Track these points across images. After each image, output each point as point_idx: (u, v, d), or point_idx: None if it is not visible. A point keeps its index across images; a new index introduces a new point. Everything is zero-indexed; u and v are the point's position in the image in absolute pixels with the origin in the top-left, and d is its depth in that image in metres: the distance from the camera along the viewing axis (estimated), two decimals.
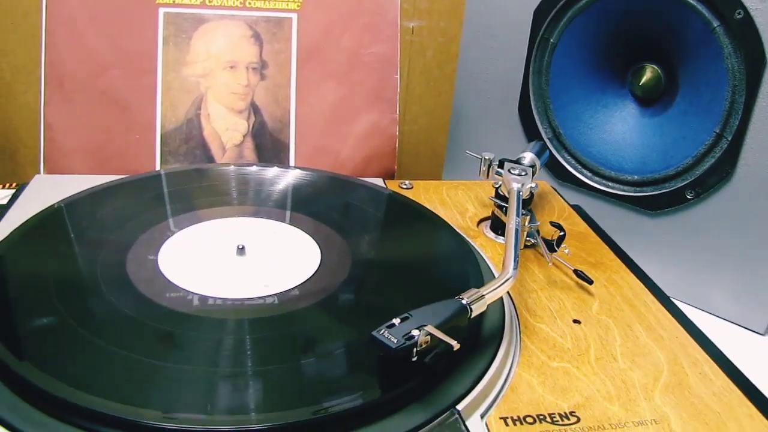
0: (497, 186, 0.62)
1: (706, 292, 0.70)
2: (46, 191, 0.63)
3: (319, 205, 0.61)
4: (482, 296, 0.42)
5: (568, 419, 0.41)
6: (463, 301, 0.41)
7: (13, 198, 0.63)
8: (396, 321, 0.39)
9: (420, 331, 0.38)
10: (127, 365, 0.40)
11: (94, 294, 0.47)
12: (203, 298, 0.47)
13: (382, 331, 0.38)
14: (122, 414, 0.35)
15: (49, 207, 0.57)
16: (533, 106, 0.80)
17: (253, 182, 0.65)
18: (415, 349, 0.38)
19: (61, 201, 0.58)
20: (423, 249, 0.57)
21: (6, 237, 0.52)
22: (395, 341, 0.37)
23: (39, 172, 0.68)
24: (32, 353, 0.40)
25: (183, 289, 0.48)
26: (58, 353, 0.41)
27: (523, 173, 0.59)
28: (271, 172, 0.66)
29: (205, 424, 0.35)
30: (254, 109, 0.71)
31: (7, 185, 0.81)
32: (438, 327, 0.39)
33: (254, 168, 0.67)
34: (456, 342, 0.37)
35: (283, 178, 0.66)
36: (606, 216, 0.74)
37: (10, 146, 0.99)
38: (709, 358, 0.48)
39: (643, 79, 0.74)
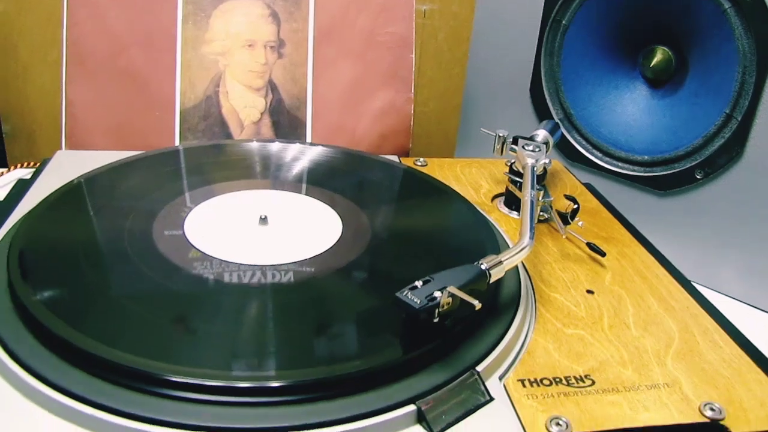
0: (511, 163, 0.63)
1: (715, 271, 0.71)
2: (68, 166, 0.64)
3: (338, 179, 0.63)
4: (500, 262, 0.43)
5: (584, 382, 0.42)
6: (483, 267, 0.43)
7: (36, 173, 0.65)
8: (418, 283, 0.40)
9: (442, 292, 0.39)
10: (150, 325, 0.42)
11: (122, 259, 0.48)
12: (227, 264, 0.48)
13: (405, 293, 0.39)
14: (149, 368, 0.37)
15: (78, 177, 0.58)
16: (545, 88, 0.81)
17: (274, 157, 0.66)
18: (437, 310, 0.39)
19: (89, 172, 0.59)
20: (441, 221, 0.59)
21: (34, 207, 0.54)
22: (418, 302, 0.39)
23: (61, 149, 0.69)
24: (65, 313, 0.41)
25: (207, 254, 0.49)
26: (92, 313, 0.42)
27: (537, 149, 0.60)
28: (292, 148, 0.68)
29: (241, 381, 0.37)
30: (272, 87, 0.72)
31: (26, 164, 0.83)
32: (459, 289, 0.40)
33: (276, 144, 0.68)
34: (477, 302, 0.38)
35: (304, 154, 0.67)
36: (616, 196, 0.75)
37: (27, 127, 1.00)
38: (719, 327, 0.49)
39: (654, 61, 0.75)
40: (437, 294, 0.39)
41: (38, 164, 0.68)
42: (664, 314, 0.50)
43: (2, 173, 0.81)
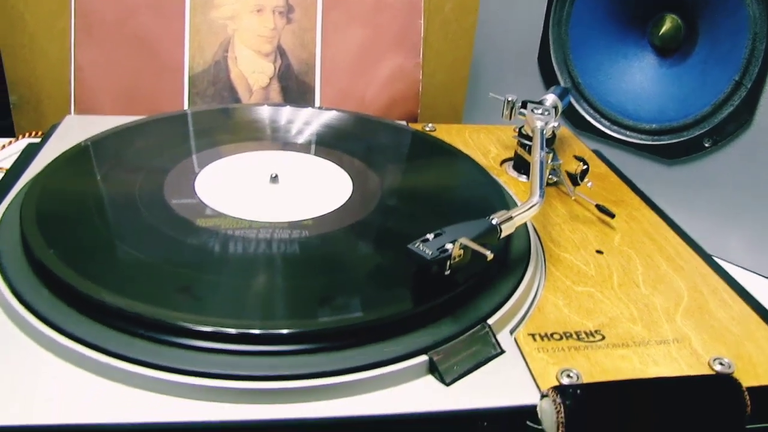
0: (520, 127, 0.63)
1: (722, 240, 0.71)
2: (76, 131, 0.64)
3: (348, 142, 0.63)
4: (511, 217, 0.44)
5: (594, 336, 0.43)
6: (493, 221, 0.43)
7: (45, 137, 0.65)
8: (430, 236, 0.40)
9: (453, 244, 0.39)
10: (161, 275, 0.42)
11: (133, 214, 0.48)
12: (239, 220, 0.48)
13: (416, 245, 0.40)
14: (159, 317, 0.37)
15: (89, 138, 0.58)
16: (553, 57, 0.80)
17: (285, 120, 0.66)
18: (448, 262, 0.40)
19: (101, 133, 0.60)
20: (450, 182, 0.59)
21: (47, 165, 0.54)
22: (430, 253, 0.39)
23: (70, 114, 0.70)
24: (78, 264, 0.41)
25: (217, 210, 0.49)
26: (104, 265, 0.43)
27: (546, 113, 0.60)
28: (303, 111, 0.68)
29: (258, 329, 0.37)
30: (280, 52, 0.72)
31: (33, 134, 0.83)
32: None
33: (287, 108, 0.68)
34: (489, 252, 0.39)
35: (315, 118, 0.67)
36: (624, 164, 0.75)
37: (34, 97, 1.00)
38: (728, 287, 0.49)
39: (663, 29, 0.75)
40: (449, 246, 0.39)
41: (42, 134, 0.68)
42: (674, 274, 0.50)
43: (10, 142, 0.81)
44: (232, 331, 0.36)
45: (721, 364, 0.41)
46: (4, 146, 0.79)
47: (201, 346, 0.36)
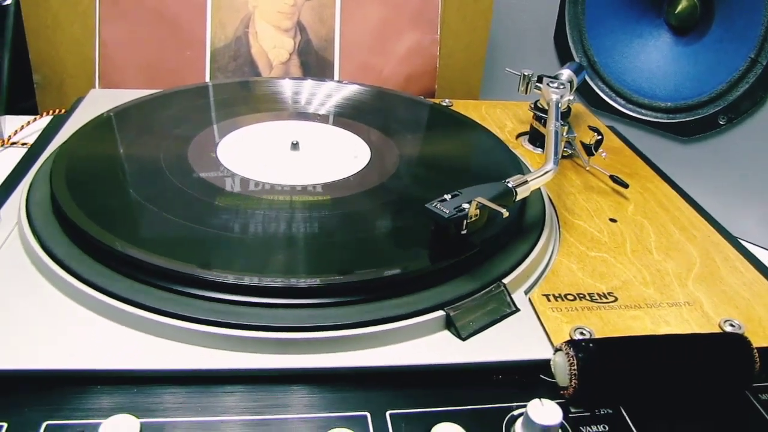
0: (536, 101, 0.64)
1: (737, 217, 0.71)
2: (101, 103, 0.66)
3: (367, 113, 0.64)
4: (526, 181, 0.45)
5: (607, 298, 0.44)
6: (509, 184, 0.44)
7: (71, 110, 0.66)
8: (447, 196, 0.41)
9: (470, 204, 0.41)
10: (191, 234, 0.44)
11: (159, 176, 0.50)
12: (259, 183, 0.50)
13: (434, 204, 0.41)
14: (187, 270, 0.39)
15: (115, 107, 0.60)
16: (569, 36, 0.81)
17: (306, 93, 0.67)
18: (465, 221, 0.41)
19: (128, 102, 0.61)
20: (467, 152, 0.60)
21: (74, 133, 0.55)
22: (447, 212, 0.40)
23: (94, 87, 0.71)
24: (107, 223, 0.43)
25: (239, 174, 0.51)
26: (133, 223, 0.44)
27: (562, 86, 0.61)
28: (324, 84, 0.69)
29: (285, 283, 0.38)
30: (300, 27, 0.73)
31: (56, 111, 0.84)
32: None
33: (309, 81, 0.69)
34: (505, 210, 0.40)
35: (335, 90, 0.68)
36: (639, 142, 0.75)
37: (57, 77, 1.02)
38: (739, 255, 0.50)
39: (679, 8, 0.75)
40: (465, 205, 0.40)
41: (60, 111, 0.69)
42: (686, 242, 0.51)
43: (34, 119, 0.82)
44: (262, 284, 0.38)
45: (731, 325, 0.42)
46: (29, 123, 0.81)
47: (233, 299, 0.38)
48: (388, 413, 0.35)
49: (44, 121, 0.81)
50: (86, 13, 0.95)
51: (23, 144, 0.76)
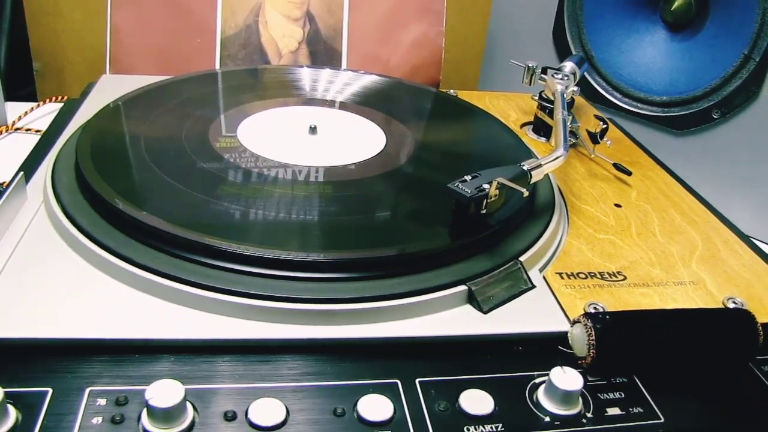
0: (540, 92, 0.66)
1: (730, 208, 0.73)
2: (112, 89, 0.66)
3: (382, 101, 0.66)
4: (540, 165, 0.47)
5: (616, 277, 0.46)
6: (524, 167, 0.46)
7: (84, 94, 0.67)
8: (467, 177, 0.43)
9: (490, 184, 0.42)
10: (214, 208, 0.45)
11: (181, 155, 0.51)
12: (280, 164, 0.52)
13: (456, 184, 0.43)
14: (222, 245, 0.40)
15: (136, 90, 0.61)
16: (567, 31, 0.83)
17: (323, 81, 0.69)
18: (485, 201, 0.43)
19: (148, 85, 0.62)
20: (478, 136, 0.62)
21: (96, 113, 0.56)
22: (468, 192, 0.42)
23: (105, 73, 0.72)
24: (134, 198, 0.44)
25: (259, 155, 0.53)
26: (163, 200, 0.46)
27: (566, 78, 0.63)
28: (341, 73, 0.71)
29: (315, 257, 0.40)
30: (309, 17, 0.75)
31: (56, 99, 0.85)
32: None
33: (326, 69, 0.71)
34: (525, 189, 0.42)
35: (350, 79, 0.70)
36: (635, 135, 0.78)
37: (57, 64, 1.02)
38: (738, 239, 0.53)
39: (675, 5, 0.78)
40: (486, 186, 0.42)
41: (67, 98, 0.70)
42: (688, 226, 0.53)
43: (37, 105, 0.83)
44: (292, 258, 0.39)
45: (734, 302, 0.44)
46: (32, 109, 0.82)
47: (276, 274, 0.39)
48: (417, 380, 0.36)
49: (46, 108, 0.81)
50: (88, 1, 0.96)
51: (27, 130, 0.77)
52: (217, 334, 0.37)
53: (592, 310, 0.42)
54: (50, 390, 0.34)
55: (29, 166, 0.53)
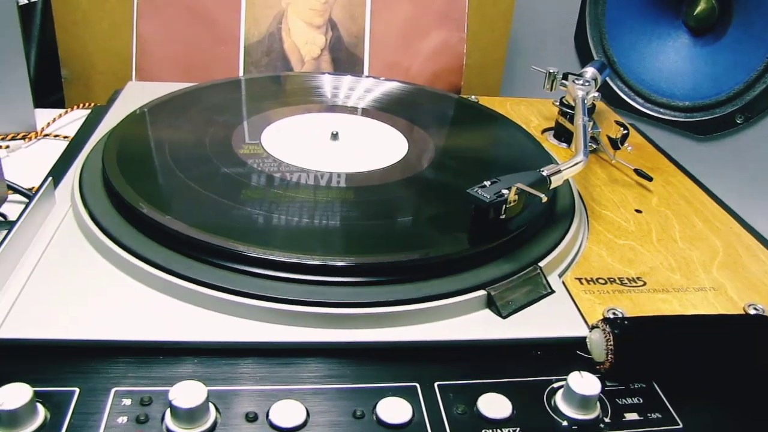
0: (561, 98, 0.66)
1: (753, 214, 0.72)
2: (138, 95, 0.68)
3: (404, 108, 0.66)
4: (560, 170, 0.47)
5: (636, 282, 0.46)
6: (543, 173, 0.46)
7: (111, 101, 0.69)
8: (487, 183, 0.44)
9: (509, 190, 0.43)
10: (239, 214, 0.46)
11: (205, 161, 0.52)
12: (302, 169, 0.52)
13: (475, 189, 0.43)
14: (248, 251, 0.41)
15: (160, 97, 0.62)
16: (589, 36, 0.83)
17: (345, 87, 0.70)
18: (504, 206, 0.43)
19: (173, 92, 0.63)
20: (499, 142, 0.63)
21: (123, 119, 0.58)
22: (488, 197, 0.42)
23: (131, 80, 0.73)
24: (160, 202, 0.45)
25: (282, 161, 0.54)
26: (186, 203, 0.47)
27: (587, 83, 0.63)
28: (363, 80, 0.71)
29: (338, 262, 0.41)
30: (331, 24, 0.75)
31: (83, 105, 0.86)
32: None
33: (348, 76, 0.72)
34: (544, 195, 0.42)
35: (373, 86, 0.71)
36: (657, 141, 0.77)
37: (85, 73, 1.04)
38: (761, 245, 0.52)
39: (698, 9, 0.77)
40: (505, 191, 0.43)
41: (94, 105, 0.71)
42: (709, 232, 0.53)
43: (66, 112, 0.85)
44: (318, 262, 0.40)
45: (755, 309, 0.44)
46: (60, 116, 0.83)
47: (298, 278, 0.40)
48: (436, 384, 0.37)
49: (74, 114, 0.83)
50: (114, 10, 0.98)
51: (55, 136, 0.78)
52: (239, 336, 0.38)
53: (611, 316, 0.42)
54: (77, 390, 0.35)
55: (58, 172, 0.54)
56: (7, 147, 0.74)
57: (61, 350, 0.37)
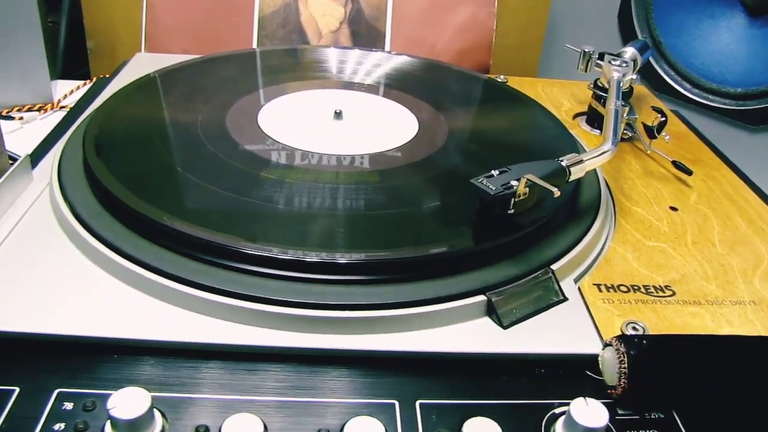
0: (596, 80, 0.60)
1: None
2: (145, 66, 0.64)
3: (417, 85, 0.61)
4: (581, 161, 0.41)
5: (663, 292, 0.40)
6: (563, 163, 0.41)
7: (115, 73, 0.65)
8: (495, 172, 0.39)
9: (518, 181, 0.38)
10: (233, 205, 0.42)
11: (196, 143, 0.48)
12: (298, 152, 0.48)
13: (480, 180, 0.38)
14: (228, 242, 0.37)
15: (153, 72, 0.58)
16: (634, 15, 0.77)
17: (353, 62, 0.65)
18: (512, 200, 0.38)
19: (166, 67, 0.59)
20: (520, 128, 0.57)
21: (110, 96, 0.54)
22: (494, 188, 0.37)
23: (140, 51, 0.70)
24: (139, 189, 0.41)
25: (281, 142, 0.49)
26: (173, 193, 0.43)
27: (624, 65, 0.57)
28: (374, 54, 0.66)
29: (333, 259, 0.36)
30: None
31: (104, 76, 0.84)
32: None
33: (356, 50, 0.67)
34: (557, 189, 0.37)
35: (384, 61, 0.66)
36: (703, 129, 0.71)
37: (110, 44, 1.01)
38: None
39: None
40: (514, 183, 0.38)
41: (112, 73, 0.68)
42: (754, 236, 0.47)
43: (85, 83, 0.82)
44: (311, 259, 0.36)
45: None
46: (78, 87, 0.81)
47: (267, 272, 0.36)
48: (418, 402, 0.32)
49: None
50: None
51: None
52: (202, 337, 0.34)
53: (631, 331, 0.36)
54: (17, 389, 0.31)
55: (45, 146, 0.51)
56: (21, 118, 0.71)
57: (6, 343, 0.33)
